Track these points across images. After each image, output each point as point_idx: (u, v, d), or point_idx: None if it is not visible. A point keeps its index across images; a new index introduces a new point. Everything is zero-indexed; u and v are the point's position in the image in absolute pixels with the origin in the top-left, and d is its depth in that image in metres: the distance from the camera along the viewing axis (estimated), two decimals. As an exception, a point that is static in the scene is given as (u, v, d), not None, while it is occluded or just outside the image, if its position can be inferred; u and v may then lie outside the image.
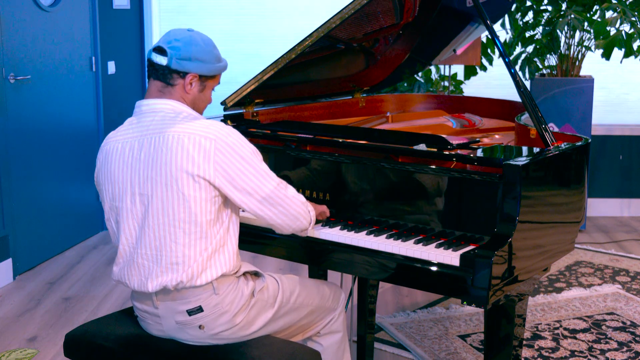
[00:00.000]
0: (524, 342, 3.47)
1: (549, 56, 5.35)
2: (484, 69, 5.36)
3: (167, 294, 2.14)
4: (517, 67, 5.29)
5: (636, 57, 4.98)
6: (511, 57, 5.27)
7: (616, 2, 4.83)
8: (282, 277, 2.35)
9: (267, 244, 2.45)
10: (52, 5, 4.74)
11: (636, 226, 5.57)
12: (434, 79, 5.48)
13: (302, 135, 2.67)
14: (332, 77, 3.30)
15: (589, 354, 3.40)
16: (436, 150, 2.36)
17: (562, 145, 2.42)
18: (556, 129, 5.09)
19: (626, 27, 4.87)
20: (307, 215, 2.22)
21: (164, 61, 2.14)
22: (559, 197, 2.37)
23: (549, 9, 5.18)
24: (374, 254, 2.24)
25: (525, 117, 2.89)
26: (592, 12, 5.09)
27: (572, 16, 4.83)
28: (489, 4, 3.06)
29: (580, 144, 2.46)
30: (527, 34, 5.22)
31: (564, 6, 5.13)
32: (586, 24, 4.97)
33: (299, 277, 2.41)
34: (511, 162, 2.15)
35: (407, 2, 2.99)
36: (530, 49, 5.30)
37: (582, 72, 5.45)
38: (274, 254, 2.52)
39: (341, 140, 2.57)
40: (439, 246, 2.20)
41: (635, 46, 4.98)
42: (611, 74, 5.75)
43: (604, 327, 3.68)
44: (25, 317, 3.86)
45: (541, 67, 5.40)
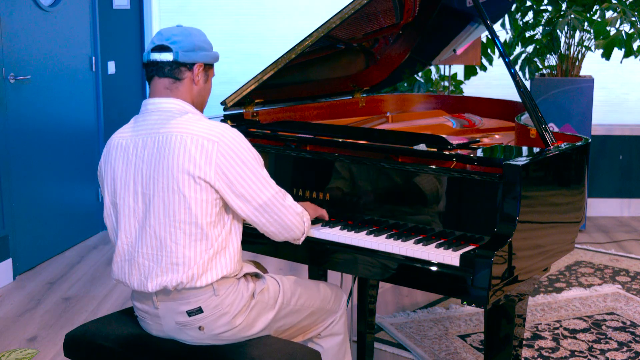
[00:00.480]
0: (524, 342, 3.47)
1: (549, 56, 5.35)
2: (484, 69, 5.36)
3: (167, 294, 2.14)
4: (517, 67, 5.29)
5: (636, 57, 4.98)
6: (511, 57, 5.27)
7: (616, 2, 4.83)
8: (283, 278, 2.34)
9: (268, 244, 2.45)
10: (52, 5, 4.74)
11: (636, 226, 5.57)
12: (434, 79, 5.48)
13: (302, 135, 2.67)
14: (332, 77, 3.30)
15: (589, 354, 3.40)
16: (436, 150, 2.36)
17: (562, 145, 2.42)
18: (556, 129, 5.09)
19: (626, 27, 4.87)
20: (301, 226, 2.22)
21: (169, 57, 2.13)
22: (559, 197, 2.37)
23: (549, 9, 5.18)
24: (374, 254, 2.24)
25: (525, 117, 2.89)
26: (592, 12, 5.09)
27: (572, 16, 4.84)
28: (489, 4, 3.06)
29: (580, 144, 2.46)
30: (527, 34, 5.22)
31: (564, 6, 5.13)
32: (586, 24, 4.97)
33: (301, 279, 2.40)
34: (511, 162, 2.15)
35: (407, 2, 2.99)
36: (530, 49, 5.30)
37: (582, 72, 5.45)
38: (274, 254, 2.52)
39: (341, 140, 2.57)
40: (439, 246, 2.19)
41: (635, 46, 4.98)
42: (611, 74, 5.75)
43: (604, 327, 3.68)
44: (25, 317, 3.86)
45: (541, 67, 5.40)
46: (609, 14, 4.92)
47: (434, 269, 2.14)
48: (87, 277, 4.43)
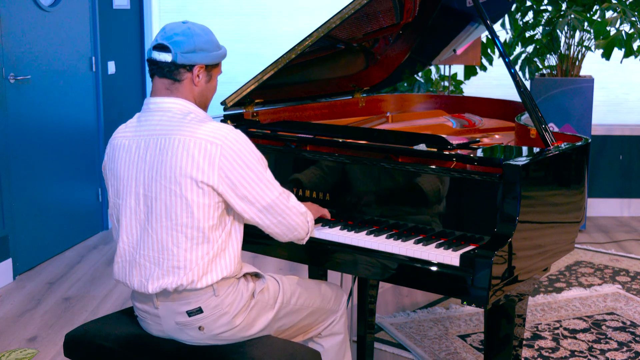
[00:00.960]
0: (524, 342, 3.47)
1: (549, 56, 5.35)
2: (484, 69, 5.36)
3: (167, 295, 2.13)
4: (517, 67, 5.29)
5: (636, 57, 4.98)
6: (511, 57, 5.27)
7: (616, 2, 4.83)
8: (283, 278, 2.34)
9: (268, 244, 2.45)
10: (52, 5, 4.74)
11: (636, 226, 5.57)
12: (434, 79, 5.48)
13: (302, 135, 2.67)
14: (332, 77, 3.30)
15: (589, 354, 3.40)
16: (436, 150, 2.36)
17: (562, 145, 2.42)
18: (556, 129, 5.09)
19: (626, 27, 4.87)
20: (305, 226, 2.22)
21: (168, 58, 2.10)
22: (559, 197, 2.37)
23: (549, 9, 5.18)
24: (374, 254, 2.24)
25: (525, 117, 2.89)
26: (592, 12, 5.09)
27: (572, 16, 4.83)
28: (489, 4, 3.06)
29: (580, 144, 2.46)
30: (527, 34, 5.22)
31: (564, 6, 5.13)
32: (586, 24, 4.97)
33: (301, 278, 2.40)
34: (511, 162, 2.15)
35: (407, 2, 2.99)
36: (530, 49, 5.30)
37: (582, 72, 5.45)
38: (274, 254, 2.52)
39: (341, 140, 2.57)
40: (439, 246, 2.20)
41: (635, 46, 4.98)
42: (611, 74, 5.75)
43: (604, 327, 3.68)
44: (25, 317, 3.86)
45: (541, 67, 5.40)
46: (609, 14, 4.92)
47: (434, 269, 2.14)
48: (87, 277, 4.43)
